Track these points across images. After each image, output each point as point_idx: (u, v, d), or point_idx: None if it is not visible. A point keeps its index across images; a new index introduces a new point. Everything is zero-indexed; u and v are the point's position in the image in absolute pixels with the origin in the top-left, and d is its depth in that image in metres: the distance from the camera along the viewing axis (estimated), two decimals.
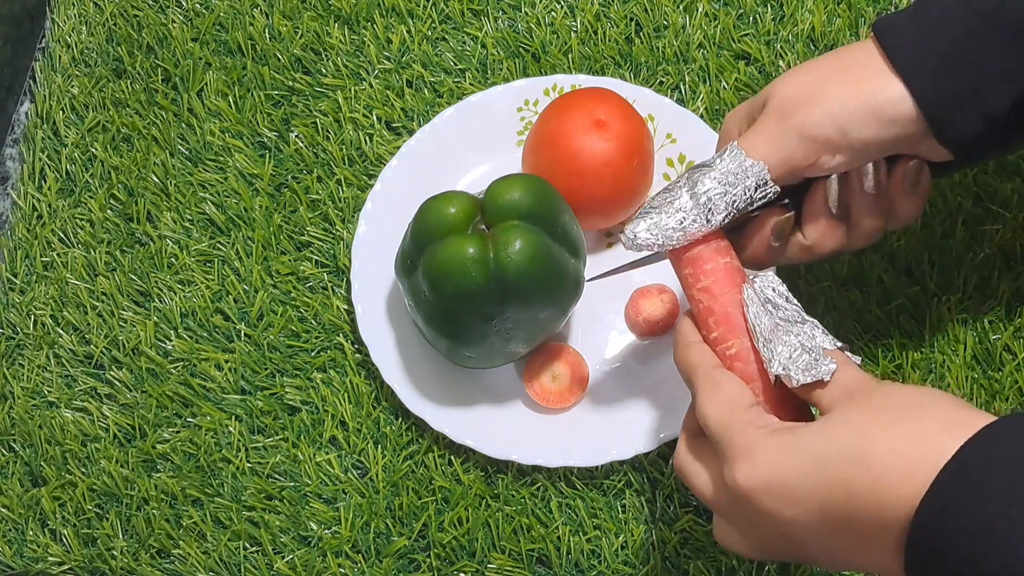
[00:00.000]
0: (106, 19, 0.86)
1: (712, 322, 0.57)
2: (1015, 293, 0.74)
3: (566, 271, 0.68)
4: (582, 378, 0.73)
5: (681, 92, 0.81)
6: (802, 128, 0.57)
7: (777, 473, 0.50)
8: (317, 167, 0.81)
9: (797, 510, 0.50)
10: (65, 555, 0.74)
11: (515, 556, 0.72)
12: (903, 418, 0.48)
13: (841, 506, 0.48)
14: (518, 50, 0.83)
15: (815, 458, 0.49)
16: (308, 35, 0.84)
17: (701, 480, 0.55)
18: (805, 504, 0.49)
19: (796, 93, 0.58)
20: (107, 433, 0.76)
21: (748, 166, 0.58)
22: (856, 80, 0.57)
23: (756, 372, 0.56)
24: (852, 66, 0.58)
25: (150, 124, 0.83)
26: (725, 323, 0.57)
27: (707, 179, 0.58)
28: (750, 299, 0.56)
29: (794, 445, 0.50)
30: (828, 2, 0.82)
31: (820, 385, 0.53)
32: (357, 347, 0.76)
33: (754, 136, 0.58)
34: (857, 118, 0.56)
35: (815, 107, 0.57)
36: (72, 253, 0.80)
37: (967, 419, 0.47)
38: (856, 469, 0.48)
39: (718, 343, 0.57)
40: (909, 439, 0.47)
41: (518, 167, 0.77)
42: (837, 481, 0.48)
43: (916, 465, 0.46)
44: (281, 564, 0.72)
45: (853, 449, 0.48)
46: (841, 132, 0.57)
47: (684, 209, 0.57)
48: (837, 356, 0.53)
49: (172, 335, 0.78)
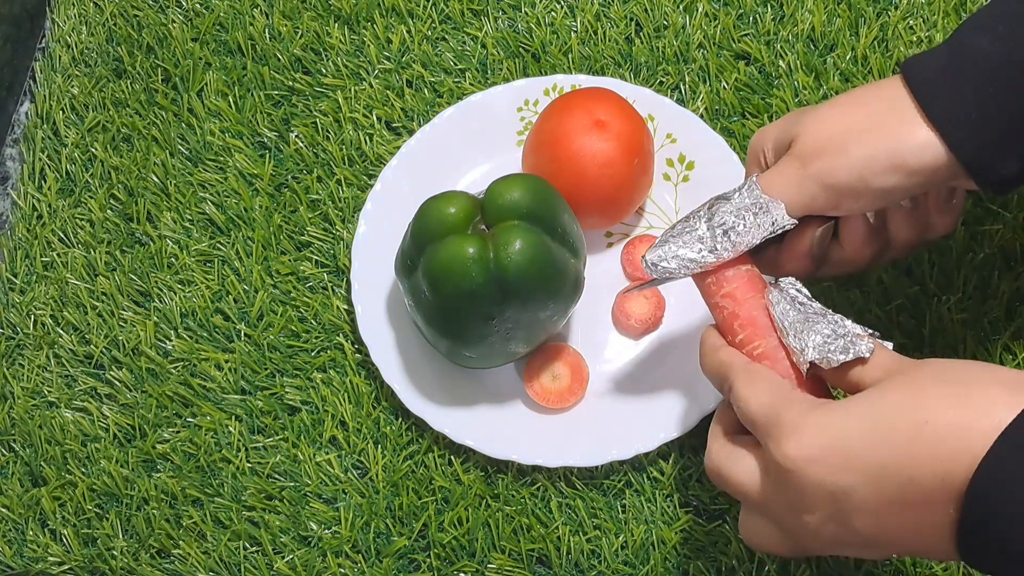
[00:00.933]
0: (106, 19, 0.86)
1: (737, 326, 0.58)
2: (1015, 293, 0.74)
3: (566, 271, 0.68)
4: (582, 378, 0.73)
5: (681, 92, 0.81)
6: (823, 177, 0.58)
7: (829, 440, 0.50)
8: (317, 167, 0.81)
9: (850, 477, 0.49)
10: (65, 555, 0.74)
11: (515, 556, 0.72)
12: (956, 386, 0.48)
13: (895, 473, 0.48)
14: (518, 50, 0.83)
15: (869, 424, 0.49)
16: (308, 35, 0.84)
17: (742, 471, 0.54)
18: (859, 471, 0.49)
19: (820, 141, 0.58)
20: (107, 433, 0.76)
21: (766, 203, 0.58)
22: (882, 129, 0.57)
23: (787, 369, 0.56)
24: (880, 113, 0.58)
25: (150, 124, 0.83)
26: (751, 326, 0.58)
27: (726, 211, 0.59)
28: (775, 299, 0.57)
29: (844, 413, 0.50)
30: (828, 2, 0.82)
31: (860, 363, 0.53)
32: (357, 347, 0.76)
33: (776, 176, 0.59)
34: (879, 169, 0.57)
35: (838, 157, 0.57)
36: (72, 253, 0.80)
37: (1020, 383, 0.47)
38: (911, 434, 0.48)
39: (744, 345, 0.58)
40: (963, 405, 0.47)
41: (518, 167, 0.77)
42: (892, 446, 0.48)
43: (972, 435, 0.46)
44: (281, 564, 0.72)
45: (908, 414, 0.48)
46: (863, 181, 0.57)
47: (703, 240, 0.59)
48: (871, 339, 0.54)
49: (172, 335, 0.78)
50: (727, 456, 0.55)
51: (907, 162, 0.56)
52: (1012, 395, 0.46)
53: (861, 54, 0.80)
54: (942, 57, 0.57)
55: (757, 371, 0.55)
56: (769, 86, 0.80)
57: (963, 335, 0.73)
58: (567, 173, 0.72)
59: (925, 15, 0.81)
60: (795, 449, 0.50)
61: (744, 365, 0.56)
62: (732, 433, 0.57)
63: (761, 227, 0.58)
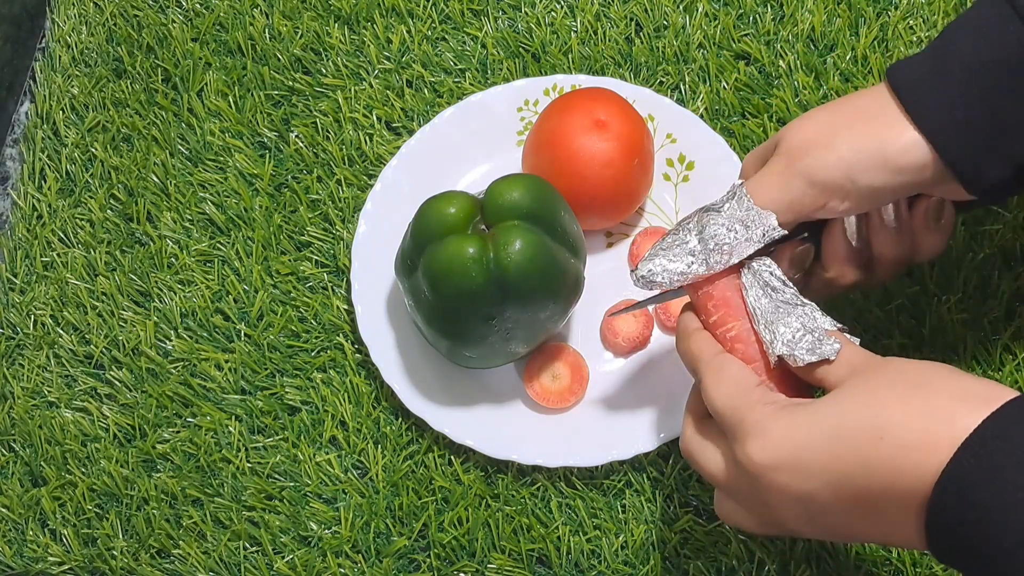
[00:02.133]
0: (106, 19, 0.86)
1: (712, 306, 0.58)
2: (1015, 293, 0.74)
3: (566, 271, 0.68)
4: (582, 378, 0.73)
5: (681, 92, 0.81)
6: (810, 173, 0.57)
7: (792, 448, 0.50)
8: (317, 167, 0.81)
9: (813, 484, 0.50)
10: (65, 555, 0.74)
11: (515, 556, 0.72)
12: (916, 391, 0.49)
13: (858, 479, 0.48)
14: (518, 50, 0.83)
15: (830, 431, 0.49)
16: (308, 35, 0.84)
17: (710, 460, 0.55)
18: (821, 478, 0.49)
19: (806, 138, 0.58)
20: (107, 433, 0.76)
21: (756, 214, 0.58)
22: (867, 128, 0.57)
23: (757, 353, 0.57)
24: (865, 114, 0.57)
25: (150, 124, 0.83)
26: (724, 306, 0.58)
27: (715, 224, 0.58)
28: (749, 283, 0.58)
29: (807, 419, 0.50)
30: (828, 2, 0.82)
31: (825, 363, 0.53)
32: (357, 347, 0.76)
33: (762, 178, 0.59)
34: (866, 166, 0.56)
35: (824, 153, 0.57)
36: (72, 253, 0.80)
37: (979, 391, 0.47)
38: (873, 442, 0.48)
39: (718, 326, 0.58)
40: (924, 412, 0.48)
41: (518, 167, 0.77)
42: (853, 454, 0.48)
43: (933, 439, 0.47)
44: (281, 564, 0.72)
45: (868, 422, 0.48)
46: (849, 179, 0.57)
47: (693, 253, 0.59)
48: (839, 336, 0.54)
49: (172, 335, 0.78)
50: (698, 444, 0.56)
51: (894, 160, 0.56)
52: (968, 400, 0.47)
53: (861, 54, 0.80)
54: (927, 61, 0.57)
55: (723, 365, 0.55)
56: (769, 86, 0.80)
57: (963, 335, 0.73)
58: (567, 173, 0.72)
59: (925, 15, 0.81)
60: (758, 454, 0.51)
61: (712, 357, 0.56)
62: (702, 418, 0.57)
63: (752, 239, 0.58)
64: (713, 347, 0.57)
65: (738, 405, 0.53)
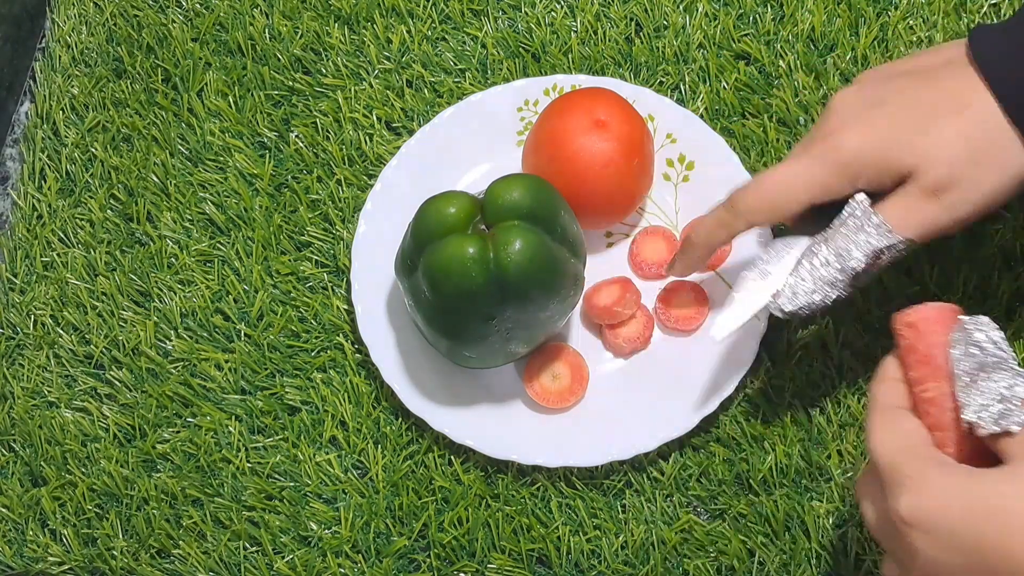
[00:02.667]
0: (106, 19, 0.86)
1: (913, 360, 0.56)
2: (1015, 293, 0.74)
3: (566, 271, 0.68)
4: (582, 378, 0.73)
5: (681, 92, 0.81)
6: (955, 211, 0.60)
7: (943, 511, 0.49)
8: (317, 167, 0.81)
9: (954, 558, 0.49)
10: (65, 555, 0.74)
11: (515, 556, 0.72)
12: None
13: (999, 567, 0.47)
14: (518, 50, 0.83)
15: (987, 508, 0.48)
16: (308, 35, 0.84)
17: (868, 508, 0.55)
18: (963, 553, 0.48)
19: (946, 174, 0.59)
20: (107, 433, 0.76)
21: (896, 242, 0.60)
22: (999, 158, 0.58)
23: (950, 422, 0.54)
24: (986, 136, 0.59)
25: (150, 124, 0.83)
26: (926, 365, 0.55)
27: (857, 257, 0.60)
28: (956, 340, 0.54)
29: (964, 489, 0.49)
30: (828, 2, 0.82)
31: (1007, 435, 0.51)
32: (357, 347, 0.76)
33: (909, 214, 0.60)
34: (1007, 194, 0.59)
35: (971, 191, 0.59)
36: (72, 253, 0.80)
37: None
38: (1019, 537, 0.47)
39: (916, 384, 0.55)
40: None
41: (518, 167, 0.77)
42: (1004, 539, 0.47)
43: None
44: (281, 564, 0.72)
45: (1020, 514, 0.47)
46: (993, 206, 0.59)
47: (834, 284, 0.61)
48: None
49: (172, 335, 0.78)
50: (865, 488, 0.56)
51: None
52: None
53: (861, 54, 0.80)
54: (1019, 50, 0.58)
55: (896, 417, 0.54)
56: (769, 86, 0.80)
57: None
58: (567, 173, 0.72)
59: (925, 15, 0.81)
60: (907, 509, 0.50)
61: (886, 407, 0.55)
62: None
63: (881, 264, 0.61)
64: (895, 399, 0.55)
65: (901, 457, 0.52)
